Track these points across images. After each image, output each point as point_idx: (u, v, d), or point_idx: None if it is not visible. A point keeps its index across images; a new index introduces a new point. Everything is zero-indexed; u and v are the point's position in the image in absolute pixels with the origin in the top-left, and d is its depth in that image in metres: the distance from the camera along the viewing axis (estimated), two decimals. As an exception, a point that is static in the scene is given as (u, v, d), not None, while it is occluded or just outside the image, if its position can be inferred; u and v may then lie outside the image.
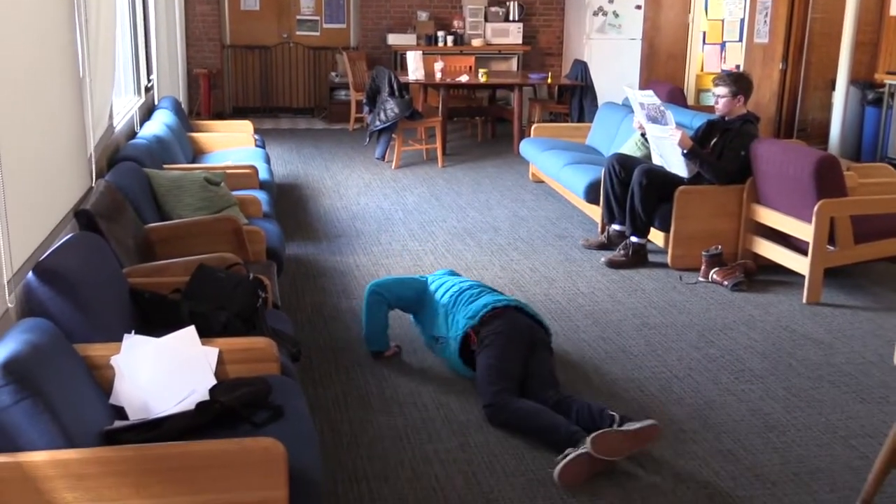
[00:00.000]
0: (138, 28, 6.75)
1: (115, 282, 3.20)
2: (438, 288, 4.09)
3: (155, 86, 7.29)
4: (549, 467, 3.19)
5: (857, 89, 9.02)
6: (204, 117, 10.30)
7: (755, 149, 5.37)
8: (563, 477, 3.07)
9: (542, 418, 3.34)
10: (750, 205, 5.45)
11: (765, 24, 9.90)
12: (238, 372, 2.91)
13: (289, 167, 8.53)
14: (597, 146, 7.49)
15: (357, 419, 3.59)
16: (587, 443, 3.08)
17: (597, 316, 4.77)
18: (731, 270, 5.28)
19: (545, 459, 3.26)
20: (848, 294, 5.16)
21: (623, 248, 5.67)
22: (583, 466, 3.09)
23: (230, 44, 11.34)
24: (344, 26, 11.61)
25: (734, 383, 3.98)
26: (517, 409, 3.42)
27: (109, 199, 3.80)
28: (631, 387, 3.92)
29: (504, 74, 10.61)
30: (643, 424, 3.20)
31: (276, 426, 2.58)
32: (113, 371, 2.75)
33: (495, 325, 3.74)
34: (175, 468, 2.25)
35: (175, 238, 4.11)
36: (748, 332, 4.58)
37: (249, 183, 5.49)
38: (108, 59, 4.70)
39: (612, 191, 5.80)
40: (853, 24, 8.36)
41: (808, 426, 3.60)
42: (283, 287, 4.94)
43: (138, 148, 5.03)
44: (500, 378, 3.53)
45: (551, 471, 3.15)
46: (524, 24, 11.52)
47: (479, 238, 6.18)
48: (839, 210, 4.94)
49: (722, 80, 5.61)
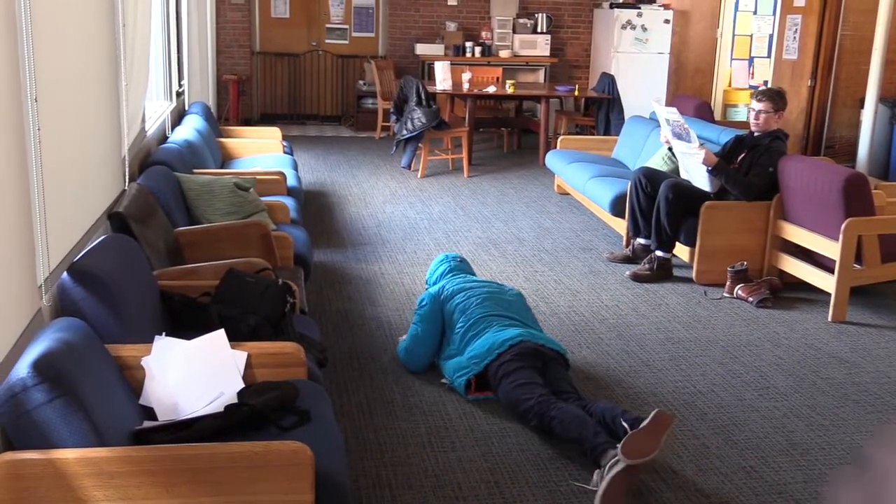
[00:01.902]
0: (171, 34, 6.84)
1: (146, 284, 3.24)
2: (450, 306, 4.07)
3: (186, 91, 7.37)
4: (571, 479, 3.20)
5: (885, 107, 8.97)
6: (232, 123, 10.39)
7: (783, 165, 5.36)
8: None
9: (581, 426, 3.30)
10: (776, 221, 5.44)
11: (794, 40, 9.87)
12: (266, 376, 2.94)
13: (315, 174, 8.58)
14: (623, 159, 7.50)
15: (381, 426, 3.61)
16: (619, 454, 3.05)
17: (620, 329, 4.77)
18: (756, 287, 5.27)
19: (568, 470, 3.27)
20: (874, 313, 5.14)
21: (648, 262, 5.67)
22: (622, 483, 3.04)
23: (260, 51, 11.43)
24: (373, 35, 11.68)
25: (758, 400, 3.97)
26: (561, 409, 3.38)
27: (142, 202, 3.86)
28: (654, 401, 3.92)
29: (531, 86, 10.63)
30: (653, 414, 3.18)
31: (303, 430, 2.60)
32: (143, 372, 2.78)
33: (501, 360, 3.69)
34: (203, 469, 2.28)
35: (204, 242, 4.16)
36: (773, 350, 4.57)
37: (278, 189, 5.54)
38: (142, 64, 4.77)
39: (638, 204, 5.80)
40: (883, 42, 8.33)
41: (832, 445, 3.59)
42: (310, 293, 4.98)
43: (170, 152, 5.09)
44: (531, 390, 3.52)
45: (574, 483, 3.16)
46: (552, 36, 11.54)
47: (503, 249, 6.20)
48: (867, 228, 4.92)
49: (765, 95, 5.57)
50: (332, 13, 11.56)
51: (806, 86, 9.69)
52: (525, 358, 3.67)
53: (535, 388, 3.51)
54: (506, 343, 3.73)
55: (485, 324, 3.91)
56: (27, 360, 2.31)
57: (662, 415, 3.20)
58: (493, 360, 3.71)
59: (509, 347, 3.71)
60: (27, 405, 2.25)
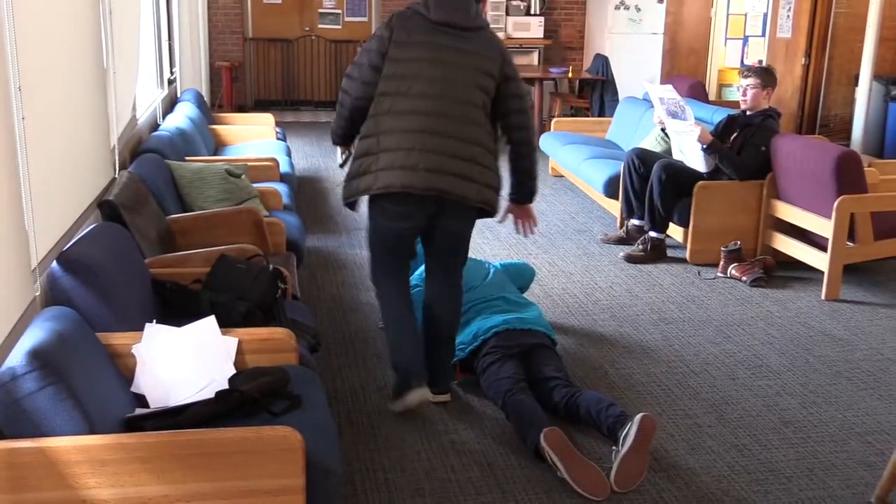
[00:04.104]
0: (161, 20, 6.81)
1: (137, 272, 3.25)
2: None
3: (178, 78, 7.35)
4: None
5: (880, 85, 8.96)
6: (226, 110, 10.37)
7: (775, 144, 5.35)
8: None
9: (520, 422, 3.35)
10: (770, 200, 5.44)
11: (788, 18, 9.84)
12: (257, 362, 2.95)
13: (310, 160, 8.57)
14: (617, 141, 7.49)
15: (374, 410, 3.62)
16: (612, 483, 3.05)
17: (614, 310, 4.78)
18: (749, 266, 5.28)
19: (560, 452, 3.28)
20: (867, 291, 5.15)
21: (642, 242, 5.67)
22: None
23: (252, 37, 11.39)
24: (366, 20, 11.64)
25: (751, 379, 3.98)
26: (517, 403, 3.41)
27: (132, 190, 3.85)
28: (647, 381, 3.93)
29: (525, 68, 10.60)
30: (636, 427, 3.14)
31: (294, 416, 2.61)
32: (134, 359, 2.79)
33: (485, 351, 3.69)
34: (194, 455, 2.29)
35: (196, 229, 4.16)
36: (766, 329, 4.58)
37: (270, 175, 5.54)
38: (131, 51, 4.76)
39: (632, 185, 5.80)
40: (877, 20, 8.30)
41: (825, 422, 3.60)
42: (303, 279, 4.99)
43: (161, 140, 5.08)
44: (504, 385, 3.50)
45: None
46: (545, 18, 11.50)
47: (497, 232, 6.20)
48: (859, 206, 4.92)
49: (751, 71, 5.59)
50: (324, -2, 11.52)
51: (800, 64, 9.66)
52: (508, 347, 3.66)
53: (507, 383, 3.49)
54: (490, 330, 3.74)
55: (472, 313, 3.92)
56: (17, 349, 2.31)
57: (647, 420, 3.17)
58: (478, 346, 3.73)
59: (494, 335, 3.72)
60: (18, 393, 2.25)
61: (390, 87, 3.38)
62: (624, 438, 3.16)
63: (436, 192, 3.34)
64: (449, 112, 3.37)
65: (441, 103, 3.36)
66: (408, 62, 3.38)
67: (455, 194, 3.36)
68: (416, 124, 3.34)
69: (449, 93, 3.38)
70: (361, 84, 3.44)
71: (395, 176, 3.33)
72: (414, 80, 3.36)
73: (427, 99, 3.36)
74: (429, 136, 3.34)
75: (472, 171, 3.38)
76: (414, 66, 3.38)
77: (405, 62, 3.39)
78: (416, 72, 3.37)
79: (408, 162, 3.32)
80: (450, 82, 3.38)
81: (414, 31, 3.41)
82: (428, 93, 3.36)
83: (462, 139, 3.38)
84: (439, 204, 3.39)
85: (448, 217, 3.45)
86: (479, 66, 3.44)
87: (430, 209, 3.41)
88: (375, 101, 3.41)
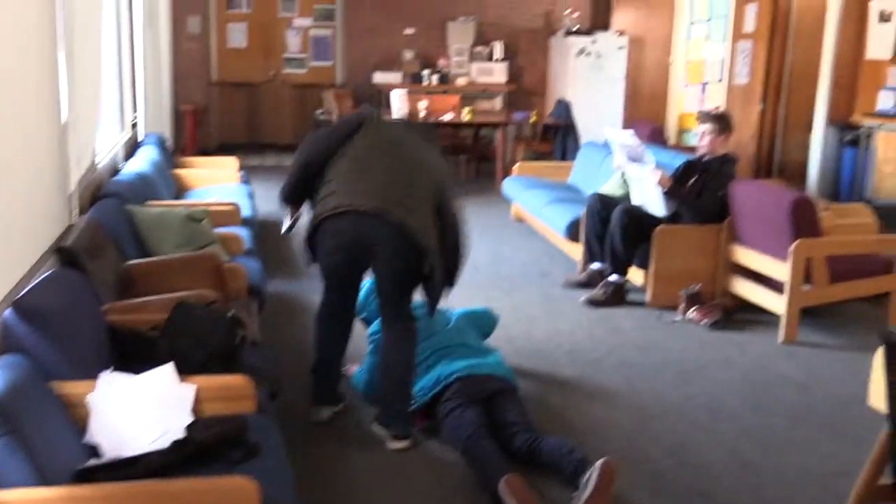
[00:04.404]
0: (124, 64, 6.81)
1: (93, 319, 3.21)
2: None
3: (140, 122, 7.33)
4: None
5: (834, 130, 9.14)
6: (189, 153, 10.34)
7: (733, 189, 5.44)
8: None
9: (480, 468, 3.34)
10: (728, 244, 5.52)
11: (744, 65, 10.05)
12: (215, 410, 2.91)
13: (274, 204, 8.53)
14: (579, 185, 7.57)
15: (335, 456, 3.59)
16: None
17: (576, 354, 4.80)
18: (709, 309, 5.33)
19: (521, 498, 3.26)
20: (824, 333, 5.21)
21: (603, 286, 5.71)
22: None
23: (217, 80, 11.42)
24: (331, 64, 11.72)
25: (711, 422, 4.01)
26: (476, 448, 3.41)
27: (91, 236, 3.82)
28: (609, 425, 3.94)
29: (488, 113, 10.72)
30: (598, 472, 3.16)
31: (251, 464, 2.58)
32: (89, 409, 2.75)
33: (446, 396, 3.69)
34: (148, 507, 2.26)
35: (156, 275, 4.13)
36: (726, 372, 4.62)
37: (232, 220, 5.52)
38: (92, 97, 4.75)
39: (593, 229, 5.86)
40: (831, 67, 8.51)
41: (784, 466, 3.63)
42: (265, 324, 4.95)
43: (121, 184, 5.06)
44: (464, 431, 3.49)
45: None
46: (509, 64, 11.65)
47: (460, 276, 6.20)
48: (815, 250, 5.00)
49: (708, 117, 5.70)
50: (289, 43, 11.60)
51: (757, 110, 9.85)
52: (469, 393, 3.65)
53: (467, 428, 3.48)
54: (452, 375, 3.73)
55: (434, 359, 3.92)
56: (-33, 400, 2.28)
57: (608, 465, 3.19)
58: (440, 391, 3.71)
59: (456, 380, 3.71)
60: (-33, 445, 2.21)
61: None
62: (585, 484, 3.16)
63: (377, 211, 3.50)
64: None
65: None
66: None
67: (395, 216, 3.49)
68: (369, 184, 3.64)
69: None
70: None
71: (343, 199, 3.56)
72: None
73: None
74: (380, 185, 3.59)
75: (412, 210, 3.54)
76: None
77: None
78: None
79: (355, 190, 3.58)
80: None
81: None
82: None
83: (411, 196, 3.58)
84: (378, 237, 3.52)
85: (386, 258, 3.57)
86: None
87: (368, 238, 3.54)
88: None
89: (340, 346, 3.94)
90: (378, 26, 11.55)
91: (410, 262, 3.59)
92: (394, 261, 3.59)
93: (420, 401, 3.76)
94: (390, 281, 3.66)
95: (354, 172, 3.65)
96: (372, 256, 3.60)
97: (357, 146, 3.73)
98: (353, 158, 3.69)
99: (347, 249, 3.63)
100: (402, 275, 3.64)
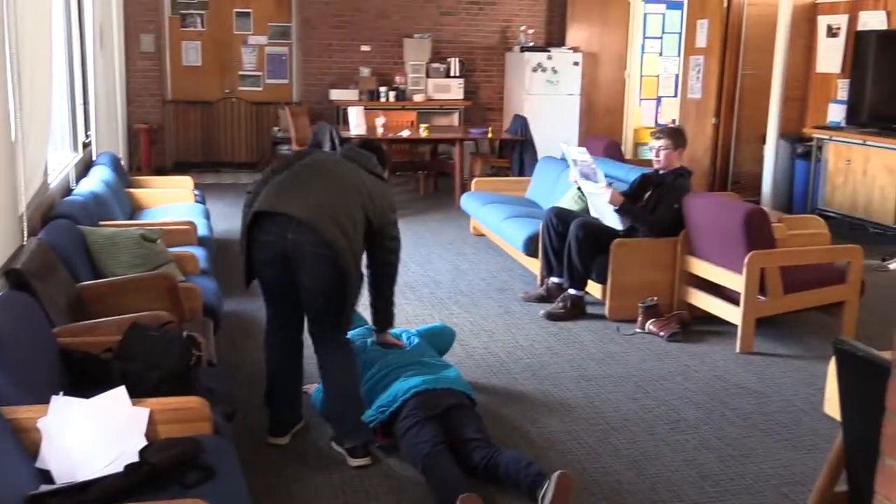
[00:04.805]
0: (76, 84, 6.73)
1: (44, 342, 3.15)
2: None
3: (93, 141, 7.24)
4: (485, 522, 3.19)
5: (786, 143, 9.31)
6: (144, 172, 10.24)
7: (687, 202, 5.50)
8: None
9: (438, 486, 3.33)
10: (684, 257, 5.57)
11: (697, 80, 10.20)
12: (170, 432, 2.87)
13: (230, 222, 8.47)
14: (536, 200, 7.60)
15: (294, 477, 3.55)
16: None
17: (535, 368, 4.81)
18: (666, 321, 5.38)
19: (482, 514, 3.25)
20: (779, 343, 5.28)
21: (562, 300, 5.74)
22: None
23: (172, 99, 11.32)
24: (286, 82, 11.68)
25: (669, 434, 4.03)
26: (434, 466, 3.40)
27: (41, 258, 3.76)
28: (568, 438, 3.94)
29: (445, 129, 10.74)
30: (555, 480, 3.18)
31: (206, 487, 2.55)
32: (40, 434, 2.69)
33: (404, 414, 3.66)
34: (101, 533, 2.21)
35: (109, 296, 4.07)
36: (683, 383, 4.65)
37: (188, 239, 5.46)
38: (43, 117, 4.68)
39: (550, 244, 5.88)
40: (781, 81, 8.67)
41: (741, 475, 3.66)
42: (222, 344, 4.90)
43: (73, 205, 4.98)
44: (423, 448, 3.47)
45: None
46: (465, 80, 11.70)
47: (419, 292, 6.21)
48: (768, 261, 5.07)
49: (663, 132, 5.76)
50: (244, 60, 11.53)
51: (710, 123, 9.99)
52: (427, 408, 3.63)
53: (426, 446, 3.46)
54: (410, 391, 3.71)
55: (392, 377, 3.91)
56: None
57: (564, 477, 3.20)
58: (398, 407, 3.69)
59: (414, 395, 3.69)
60: (-89, 475, 2.15)
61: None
62: (542, 497, 3.16)
63: (305, 222, 3.48)
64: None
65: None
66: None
67: (322, 231, 3.47)
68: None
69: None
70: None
71: (272, 200, 3.58)
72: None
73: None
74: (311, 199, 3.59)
75: (339, 228, 3.53)
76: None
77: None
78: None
79: (287, 201, 3.57)
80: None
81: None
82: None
83: (338, 215, 3.57)
84: (302, 251, 3.50)
85: (309, 273, 3.54)
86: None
87: (293, 250, 3.52)
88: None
89: (291, 367, 3.90)
90: (334, 44, 11.53)
91: (334, 279, 3.55)
92: (317, 278, 3.55)
93: (378, 419, 3.74)
94: (314, 296, 3.62)
95: (286, 187, 3.63)
96: (298, 269, 3.56)
97: (292, 169, 3.73)
98: (284, 177, 3.68)
99: (273, 263, 3.61)
100: (326, 290, 3.59)
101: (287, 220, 3.52)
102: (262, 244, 3.61)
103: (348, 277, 3.54)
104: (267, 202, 3.58)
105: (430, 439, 3.48)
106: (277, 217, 3.54)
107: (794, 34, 9.04)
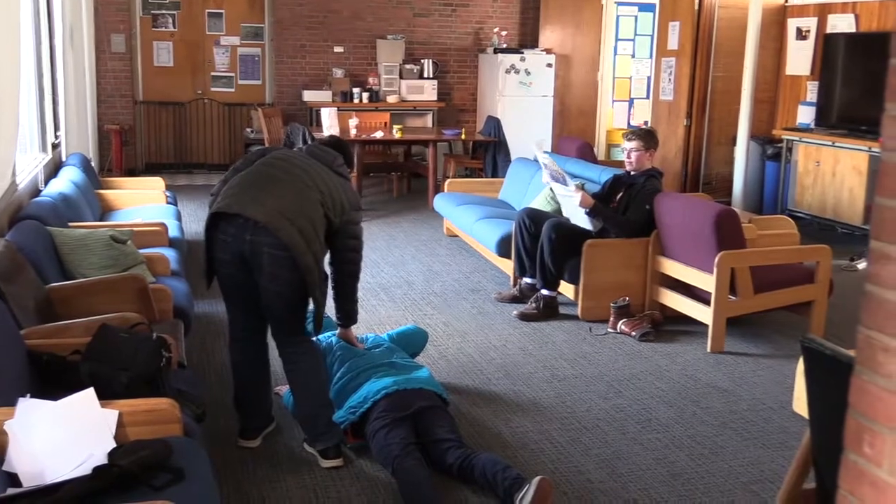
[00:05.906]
0: (45, 84, 6.66)
1: (11, 343, 3.11)
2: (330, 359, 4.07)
3: (63, 142, 7.17)
4: (458, 522, 3.19)
5: (757, 144, 9.39)
6: (116, 174, 10.15)
7: (658, 203, 5.53)
8: None
9: (407, 491, 3.32)
10: (655, 257, 5.61)
11: (669, 82, 10.26)
12: (140, 434, 2.84)
13: (201, 224, 8.38)
14: (509, 201, 7.62)
15: (265, 479, 3.54)
16: None
17: (508, 369, 4.81)
18: (638, 321, 5.40)
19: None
20: (750, 342, 5.32)
21: (534, 301, 5.75)
22: None
23: (143, 100, 11.24)
24: (259, 83, 11.62)
25: (641, 433, 4.05)
26: (404, 470, 3.39)
27: (7, 259, 3.71)
28: (540, 438, 3.96)
29: (419, 130, 10.74)
30: (533, 490, 3.18)
31: (176, 489, 2.53)
32: (7, 436, 2.66)
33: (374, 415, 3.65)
34: (68, 536, 2.19)
35: (78, 298, 4.03)
36: (655, 382, 4.68)
37: (159, 240, 5.42)
38: (11, 117, 4.63)
39: (523, 245, 5.90)
40: (752, 83, 8.75)
41: (712, 473, 3.68)
42: (193, 346, 4.87)
43: (42, 206, 4.93)
44: (393, 450, 3.47)
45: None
46: (439, 82, 11.70)
47: (392, 293, 6.20)
48: (739, 261, 5.11)
49: (635, 134, 5.79)
50: (217, 61, 11.46)
51: (682, 125, 10.06)
52: (398, 409, 3.63)
53: (396, 448, 3.45)
54: (380, 392, 3.71)
55: (362, 378, 3.90)
56: None
57: (543, 483, 3.20)
58: (369, 408, 3.69)
59: (384, 396, 3.69)
60: None
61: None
62: (521, 500, 3.16)
63: (264, 223, 3.43)
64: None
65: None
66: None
67: (280, 230, 3.42)
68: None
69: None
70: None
71: (231, 200, 3.54)
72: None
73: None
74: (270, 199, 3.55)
75: (297, 228, 3.48)
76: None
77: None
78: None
79: (244, 200, 3.53)
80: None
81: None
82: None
83: (297, 215, 3.53)
84: (259, 251, 3.46)
85: (267, 274, 3.49)
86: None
87: (250, 251, 3.48)
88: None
89: (258, 371, 3.86)
90: (307, 45, 11.50)
91: (293, 281, 3.51)
92: (276, 280, 3.51)
93: (349, 420, 3.73)
94: (273, 298, 3.57)
95: (245, 188, 3.58)
96: (256, 271, 3.52)
97: (252, 169, 3.69)
98: (244, 177, 3.65)
99: (232, 263, 3.57)
100: (285, 292, 3.55)
101: (245, 221, 3.47)
102: (221, 243, 3.57)
103: (308, 279, 3.49)
104: (225, 203, 3.54)
105: (399, 441, 3.47)
106: (236, 218, 3.50)
107: (765, 37, 9.13)
